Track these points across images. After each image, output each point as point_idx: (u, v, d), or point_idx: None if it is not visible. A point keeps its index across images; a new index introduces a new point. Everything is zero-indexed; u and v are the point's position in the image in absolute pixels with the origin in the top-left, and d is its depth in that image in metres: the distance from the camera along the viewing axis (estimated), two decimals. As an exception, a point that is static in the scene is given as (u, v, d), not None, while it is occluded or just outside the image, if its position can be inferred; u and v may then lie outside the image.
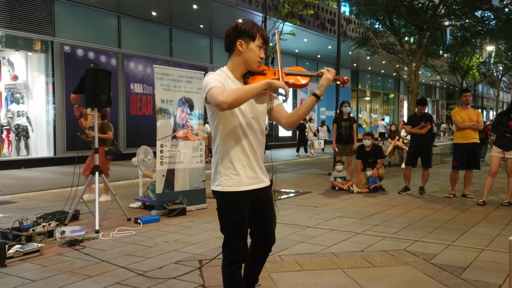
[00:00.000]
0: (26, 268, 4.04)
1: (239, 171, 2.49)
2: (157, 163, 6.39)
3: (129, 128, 15.74)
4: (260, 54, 2.50)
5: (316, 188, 9.05)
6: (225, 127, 2.47)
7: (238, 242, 2.51)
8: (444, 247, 4.65)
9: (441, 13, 15.67)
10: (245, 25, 2.48)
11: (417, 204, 7.23)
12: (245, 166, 2.51)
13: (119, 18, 15.55)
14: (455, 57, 23.20)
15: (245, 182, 2.50)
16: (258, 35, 2.48)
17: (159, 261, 4.21)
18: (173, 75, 6.62)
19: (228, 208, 2.51)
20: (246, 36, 2.46)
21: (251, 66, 2.51)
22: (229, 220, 2.51)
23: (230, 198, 2.49)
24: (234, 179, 2.49)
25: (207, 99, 2.35)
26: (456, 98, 45.71)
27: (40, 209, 6.70)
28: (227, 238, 2.53)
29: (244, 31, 2.46)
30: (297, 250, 4.57)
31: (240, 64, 2.51)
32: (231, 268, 2.51)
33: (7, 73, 13.73)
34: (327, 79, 2.47)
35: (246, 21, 2.53)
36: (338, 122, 9.27)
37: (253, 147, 2.53)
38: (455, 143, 7.82)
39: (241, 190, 2.49)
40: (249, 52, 2.47)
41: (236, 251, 2.51)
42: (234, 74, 2.51)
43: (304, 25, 17.99)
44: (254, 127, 2.52)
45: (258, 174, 2.56)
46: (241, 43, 2.47)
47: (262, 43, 2.50)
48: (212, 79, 2.38)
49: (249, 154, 2.51)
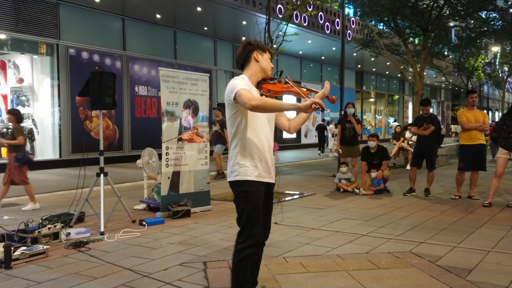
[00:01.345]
0: (31, 270, 4.06)
1: (257, 164, 2.84)
2: (163, 166, 6.41)
3: (133, 131, 15.78)
4: (271, 64, 2.99)
5: (320, 190, 9.04)
6: (245, 123, 2.83)
7: (256, 227, 2.80)
8: (449, 249, 4.63)
9: (446, 14, 15.64)
10: (257, 42, 2.99)
11: (423, 205, 7.21)
12: (262, 161, 2.86)
13: (124, 20, 15.62)
14: (460, 57, 23.12)
15: (262, 174, 2.85)
16: (267, 50, 3.01)
17: (164, 263, 4.22)
18: (179, 77, 6.64)
19: (247, 195, 2.80)
20: (260, 49, 2.96)
21: (266, 73, 2.96)
22: (250, 206, 2.79)
23: (250, 186, 2.80)
24: (253, 170, 2.82)
25: (236, 98, 2.71)
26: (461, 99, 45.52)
27: (46, 211, 6.73)
28: (246, 223, 2.80)
29: (258, 45, 2.97)
30: (301, 252, 4.57)
31: (257, 72, 2.94)
32: (245, 252, 2.76)
33: (13, 76, 13.82)
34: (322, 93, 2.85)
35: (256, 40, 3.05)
36: (343, 123, 9.25)
37: (269, 145, 2.91)
38: (461, 144, 7.79)
39: (259, 180, 2.83)
40: (264, 61, 2.95)
41: (254, 235, 2.78)
42: (251, 81, 2.92)
43: (308, 26, 17.99)
44: (267, 127, 2.92)
45: (271, 170, 2.92)
46: (257, 54, 2.94)
47: (270, 57, 3.01)
48: (241, 83, 2.77)
49: (266, 150, 2.87)
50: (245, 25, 17.01)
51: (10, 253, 4.15)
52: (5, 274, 3.95)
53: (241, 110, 2.81)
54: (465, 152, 7.63)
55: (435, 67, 22.67)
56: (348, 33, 20.40)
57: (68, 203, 6.46)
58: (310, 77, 25.64)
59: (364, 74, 31.54)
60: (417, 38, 19.07)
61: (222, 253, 4.49)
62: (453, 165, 12.51)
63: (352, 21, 21.31)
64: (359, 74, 30.74)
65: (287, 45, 8.66)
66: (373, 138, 8.61)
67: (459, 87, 31.49)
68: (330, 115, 27.02)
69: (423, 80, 15.71)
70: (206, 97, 6.95)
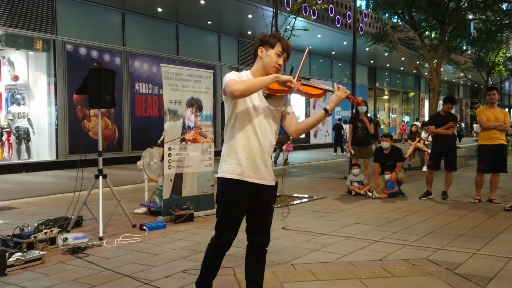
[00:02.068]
0: (27, 277, 4.09)
1: (241, 162, 2.83)
2: (165, 167, 6.43)
3: (134, 130, 15.85)
4: (278, 61, 2.89)
5: (331, 193, 9.02)
6: (237, 120, 2.85)
7: (227, 230, 2.89)
8: (468, 255, 4.61)
9: (464, 6, 15.55)
10: (268, 36, 2.95)
11: (440, 210, 7.17)
12: (247, 159, 2.83)
13: (123, 15, 15.69)
14: (480, 52, 22.98)
15: (246, 174, 2.83)
16: (278, 43, 2.89)
17: (166, 270, 4.23)
18: (182, 74, 6.65)
19: (224, 196, 2.87)
20: (267, 44, 2.90)
21: (268, 70, 2.89)
22: (223, 208, 2.88)
23: (229, 185, 2.85)
24: (235, 168, 2.83)
25: (225, 90, 2.77)
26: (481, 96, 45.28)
27: (42, 215, 6.77)
28: (217, 224, 2.92)
29: (266, 41, 2.92)
30: (311, 258, 4.56)
31: (260, 68, 2.93)
32: (213, 250, 2.96)
33: (7, 73, 13.92)
34: (337, 96, 2.82)
35: (272, 33, 3.04)
36: (354, 122, 9.22)
37: (260, 144, 2.85)
38: (480, 145, 7.75)
39: (240, 179, 2.82)
40: (267, 58, 2.89)
41: (222, 237, 2.90)
42: (254, 77, 2.89)
43: (318, 20, 17.96)
44: (265, 127, 2.88)
45: (261, 171, 2.86)
46: (262, 50, 2.91)
47: (281, 51, 2.89)
48: (231, 75, 2.83)
49: (254, 149, 2.84)
50: (251, 18, 17.02)
51: (5, 259, 4.18)
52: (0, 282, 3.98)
53: (234, 107, 2.85)
54: (485, 153, 7.58)
55: (453, 62, 22.55)
56: (360, 26, 20.34)
57: (65, 207, 6.50)
58: (320, 73, 25.61)
59: (377, 70, 31.44)
60: (433, 32, 18.98)
61: (227, 260, 4.47)
62: (472, 166, 12.43)
63: (365, 14, 21.26)
64: (371, 70, 30.64)
65: (295, 40, 8.64)
66: (386, 138, 8.57)
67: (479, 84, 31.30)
68: (341, 113, 27.00)
69: (440, 76, 15.63)
70: (210, 95, 6.97)
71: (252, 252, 2.99)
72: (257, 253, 2.98)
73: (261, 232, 2.95)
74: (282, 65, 2.93)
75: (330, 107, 2.82)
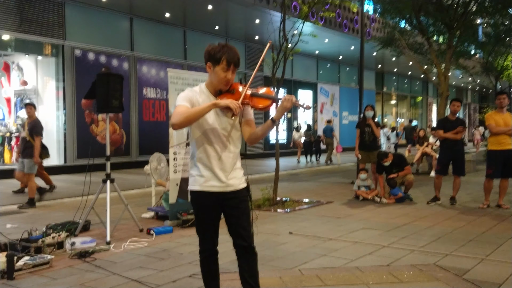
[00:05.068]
0: (35, 281, 4.11)
1: (202, 173, 2.96)
2: (171, 171, 6.44)
3: (141, 135, 15.90)
4: (227, 76, 2.88)
5: (338, 197, 8.99)
6: (194, 135, 2.96)
7: (202, 235, 3.10)
8: (477, 261, 4.58)
9: (472, 10, 15.47)
10: (213, 50, 2.89)
11: (448, 215, 7.12)
12: (207, 170, 2.95)
13: (132, 20, 15.79)
14: (488, 56, 22.86)
15: (208, 184, 2.95)
16: (223, 59, 2.84)
17: (173, 274, 4.23)
18: (188, 79, 6.68)
19: (193, 205, 3.08)
20: (213, 60, 2.88)
21: (218, 86, 2.95)
22: (195, 215, 3.12)
23: (194, 197, 3.03)
24: (198, 180, 2.97)
25: None
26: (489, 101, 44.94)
27: (50, 219, 6.81)
28: (196, 229, 3.14)
29: (210, 56, 2.90)
30: (318, 263, 4.55)
31: (211, 82, 2.97)
32: (201, 256, 3.13)
33: (17, 78, 14.06)
34: (282, 107, 2.84)
35: (217, 45, 2.93)
36: (361, 127, 9.20)
37: (218, 154, 2.93)
38: (489, 150, 7.70)
39: (203, 190, 2.96)
40: (214, 75, 2.91)
41: (201, 243, 3.11)
42: (209, 90, 2.98)
43: (325, 24, 17.96)
44: (222, 137, 2.94)
45: (222, 179, 2.94)
46: (209, 65, 2.92)
47: (226, 66, 2.86)
48: (182, 97, 2.89)
49: (213, 160, 2.94)
50: (258, 23, 17.06)
51: (13, 263, 4.20)
52: (8, 285, 4.01)
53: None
54: (494, 158, 7.53)
55: (461, 67, 22.44)
56: (368, 31, 20.33)
57: (73, 211, 6.53)
58: (327, 78, 25.59)
59: (385, 74, 31.35)
60: (441, 36, 18.91)
61: (233, 264, 4.46)
62: (481, 171, 12.34)
63: (372, 19, 21.24)
64: (379, 75, 30.57)
65: (303, 45, 8.64)
66: (386, 159, 8.44)
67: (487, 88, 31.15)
68: (348, 118, 26.93)
69: (448, 81, 15.55)
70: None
71: (238, 253, 3.05)
72: (242, 253, 3.04)
73: (237, 232, 3.02)
74: (232, 78, 2.93)
75: (276, 116, 2.89)
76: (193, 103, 2.87)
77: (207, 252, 3.11)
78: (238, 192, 3.00)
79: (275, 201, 8.03)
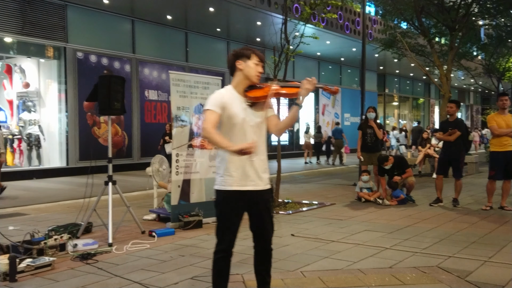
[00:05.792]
0: (37, 283, 4.11)
1: (232, 173, 3.05)
2: (173, 173, 6.45)
3: (143, 137, 15.92)
4: (258, 69, 3.14)
5: (340, 199, 8.98)
6: (226, 134, 3.05)
7: (224, 235, 3.12)
8: (480, 263, 4.56)
9: (474, 11, 15.46)
10: (240, 50, 3.18)
11: (450, 217, 7.11)
12: (239, 170, 3.05)
13: (133, 22, 15.83)
14: (490, 58, 22.83)
15: (239, 183, 3.05)
16: (253, 54, 3.14)
17: (175, 276, 4.23)
18: (190, 81, 6.70)
19: (219, 204, 3.12)
20: (243, 57, 3.13)
21: (251, 79, 3.13)
22: (220, 214, 3.15)
23: (223, 196, 3.09)
24: (228, 180, 3.06)
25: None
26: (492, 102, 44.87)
27: (52, 221, 6.82)
28: (217, 229, 3.16)
29: (240, 54, 3.14)
30: (320, 266, 4.54)
31: (242, 80, 3.14)
32: (217, 255, 3.14)
33: (19, 80, 14.09)
34: (304, 89, 3.08)
35: (241, 47, 3.24)
36: (363, 129, 9.20)
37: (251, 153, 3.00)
38: (491, 152, 7.69)
39: (234, 189, 3.05)
40: (248, 68, 3.12)
41: (221, 242, 3.12)
42: (237, 90, 3.15)
43: (327, 26, 17.97)
44: (252, 135, 3.09)
45: (253, 178, 3.08)
46: (240, 62, 3.13)
47: (258, 60, 3.14)
48: (212, 100, 3.06)
49: (244, 159, 3.01)
50: (259, 25, 17.08)
51: (15, 265, 4.21)
52: (10, 287, 4.01)
53: (221, 123, 3.08)
54: (496, 160, 7.52)
55: (463, 68, 22.42)
56: (369, 33, 20.33)
57: (75, 213, 6.54)
58: (328, 79, 25.58)
59: (387, 76, 31.33)
60: (443, 38, 18.89)
61: (236, 267, 4.48)
62: (483, 173, 12.32)
63: (374, 20, 21.24)
64: (381, 76, 30.55)
65: (304, 46, 8.64)
66: (386, 163, 8.42)
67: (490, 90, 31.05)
68: (350, 120, 26.92)
69: (450, 82, 15.53)
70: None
71: (258, 250, 3.23)
72: (263, 251, 3.22)
73: (262, 233, 3.19)
74: (262, 72, 3.18)
75: (300, 101, 3.09)
76: (223, 106, 3.03)
77: (224, 252, 3.13)
78: (266, 192, 3.17)
79: (277, 203, 8.03)
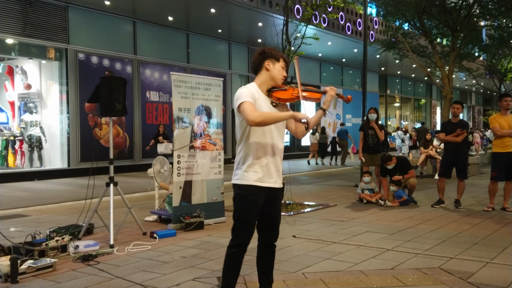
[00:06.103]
0: (38, 285, 4.11)
1: (257, 170, 3.15)
2: (174, 175, 6.45)
3: (144, 138, 15.91)
4: (283, 73, 3.27)
5: (342, 201, 8.98)
6: (251, 131, 3.15)
7: (242, 228, 3.18)
8: (482, 265, 4.56)
9: (476, 12, 15.45)
10: (271, 50, 3.29)
11: (452, 218, 7.10)
12: (263, 166, 3.17)
13: (135, 23, 15.85)
14: (492, 59, 22.81)
15: (263, 179, 3.16)
16: (281, 59, 3.27)
17: (176, 278, 4.23)
18: (191, 82, 6.70)
19: (241, 198, 3.17)
20: (273, 58, 3.24)
21: (276, 81, 3.25)
22: (241, 209, 3.19)
23: (246, 190, 3.15)
24: (253, 175, 3.15)
25: (239, 110, 3.08)
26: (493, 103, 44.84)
27: (54, 222, 6.82)
28: (235, 223, 3.22)
29: (271, 54, 3.25)
30: (322, 267, 4.54)
31: (267, 80, 3.25)
32: (232, 249, 3.18)
33: (20, 82, 14.11)
34: (330, 96, 3.30)
35: (271, 47, 3.38)
36: (365, 130, 9.19)
37: (273, 151, 3.21)
38: (493, 152, 7.67)
39: (257, 185, 3.14)
40: (275, 70, 3.24)
41: (240, 237, 3.18)
42: (261, 89, 3.24)
43: (328, 27, 17.98)
44: (275, 134, 3.22)
45: (274, 176, 3.22)
46: (268, 63, 3.23)
47: (285, 65, 3.28)
48: (245, 93, 3.10)
49: (268, 156, 3.18)
50: (261, 26, 17.09)
51: (17, 267, 4.21)
52: (11, 289, 4.01)
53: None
54: (498, 161, 7.50)
55: (465, 69, 22.40)
56: (371, 34, 20.33)
57: (76, 214, 6.54)
58: (330, 81, 25.57)
59: (388, 77, 31.32)
60: (445, 39, 18.88)
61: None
62: (486, 174, 12.30)
63: (375, 21, 21.24)
64: (382, 77, 30.54)
65: (305, 47, 8.65)
66: (390, 162, 8.42)
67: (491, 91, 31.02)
68: (351, 121, 26.91)
69: (452, 83, 15.51)
70: (220, 103, 7.00)
71: (264, 247, 3.33)
72: (267, 249, 3.34)
73: (272, 228, 3.31)
74: (286, 76, 3.32)
75: (326, 106, 3.27)
76: (255, 99, 3.11)
77: (239, 247, 3.18)
78: (280, 190, 3.31)
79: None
